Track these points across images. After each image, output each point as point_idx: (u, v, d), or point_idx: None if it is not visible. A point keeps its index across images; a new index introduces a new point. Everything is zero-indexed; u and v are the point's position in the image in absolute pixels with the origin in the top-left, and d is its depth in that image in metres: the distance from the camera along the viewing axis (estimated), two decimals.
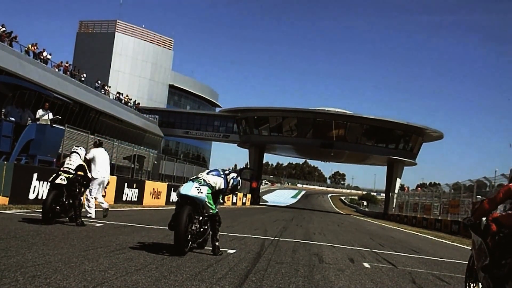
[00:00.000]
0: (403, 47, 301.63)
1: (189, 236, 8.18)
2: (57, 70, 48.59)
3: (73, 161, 11.87)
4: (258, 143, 76.80)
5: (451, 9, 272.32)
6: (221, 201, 9.13)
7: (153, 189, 30.06)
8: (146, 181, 29.92)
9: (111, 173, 24.17)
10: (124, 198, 25.57)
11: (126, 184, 25.81)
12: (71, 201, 11.61)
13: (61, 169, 11.74)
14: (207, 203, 8.39)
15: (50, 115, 18.03)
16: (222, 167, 9.29)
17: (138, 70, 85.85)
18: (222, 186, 8.67)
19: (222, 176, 8.79)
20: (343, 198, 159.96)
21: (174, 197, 33.64)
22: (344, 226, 26.62)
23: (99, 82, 60.12)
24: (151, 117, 76.41)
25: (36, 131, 17.35)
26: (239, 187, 9.43)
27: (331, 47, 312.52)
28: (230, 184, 8.93)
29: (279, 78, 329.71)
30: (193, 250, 8.55)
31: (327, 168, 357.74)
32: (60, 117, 18.39)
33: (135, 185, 27.12)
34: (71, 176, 11.51)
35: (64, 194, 11.44)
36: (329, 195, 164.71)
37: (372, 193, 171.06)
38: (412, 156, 76.39)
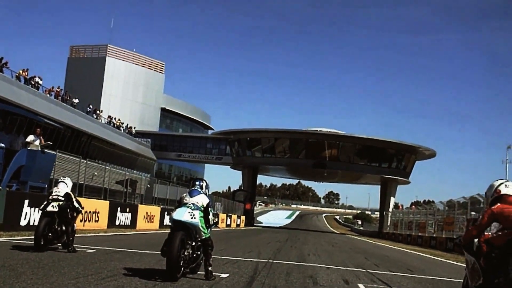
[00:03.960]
0: (395, 66, 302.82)
1: (182, 261, 8.16)
2: (48, 95, 48.43)
3: (61, 189, 11.99)
4: (251, 165, 76.63)
5: (442, 29, 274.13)
6: (215, 223, 9.07)
7: (146, 213, 29.94)
8: (139, 205, 29.81)
9: (104, 198, 24.13)
10: (117, 223, 25.43)
11: (119, 208, 25.68)
12: (63, 228, 11.72)
13: (49, 197, 11.86)
14: (200, 227, 8.44)
15: (41, 141, 17.92)
16: (197, 183, 9.22)
17: (130, 93, 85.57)
18: (206, 201, 8.74)
19: (202, 192, 8.92)
20: (337, 217, 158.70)
21: (167, 220, 33.47)
22: (338, 246, 26.47)
23: (91, 106, 60.00)
24: (143, 140, 76.10)
25: (27, 157, 17.25)
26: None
27: (323, 68, 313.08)
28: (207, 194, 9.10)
29: (271, 100, 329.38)
30: (185, 276, 8.47)
31: (321, 188, 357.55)
32: (51, 143, 18.26)
33: (128, 209, 26.98)
34: (61, 203, 11.64)
35: (56, 221, 11.57)
36: (324, 214, 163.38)
37: (367, 212, 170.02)
38: (406, 175, 76.42)
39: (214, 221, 8.97)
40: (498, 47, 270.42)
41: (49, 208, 11.53)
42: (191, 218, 8.35)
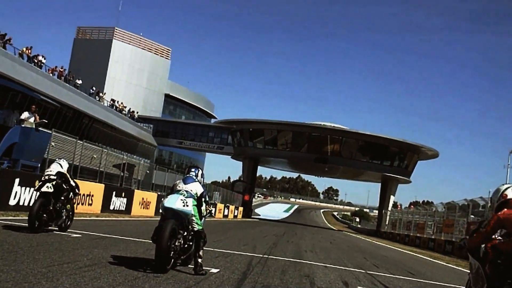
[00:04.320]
0: (401, 65, 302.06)
1: (172, 252, 7.73)
2: (51, 74, 47.82)
3: (53, 169, 11.70)
4: (252, 156, 76.03)
5: (447, 29, 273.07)
6: (209, 213, 8.76)
7: (142, 198, 29.37)
8: (136, 190, 29.25)
9: (100, 181, 23.54)
10: (111, 207, 24.88)
11: (114, 192, 25.12)
12: (59, 209, 11.50)
13: (42, 178, 11.58)
14: (193, 217, 8.07)
15: (36, 118, 17.29)
16: (193, 170, 8.82)
17: (134, 78, 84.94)
18: (201, 190, 8.38)
19: (197, 180, 8.54)
20: (335, 213, 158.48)
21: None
22: (336, 243, 25.88)
23: (94, 88, 59.37)
24: (145, 126, 75.61)
25: (20, 134, 16.65)
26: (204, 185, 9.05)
27: (329, 62, 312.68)
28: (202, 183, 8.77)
29: (275, 92, 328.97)
30: (176, 268, 8.04)
31: (320, 183, 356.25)
32: (46, 121, 17.66)
33: (123, 194, 26.42)
34: (55, 182, 11.34)
35: (51, 202, 11.26)
36: (322, 210, 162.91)
37: (365, 210, 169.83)
38: (407, 174, 75.77)
39: (208, 211, 8.64)
40: (503, 51, 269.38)
41: (44, 189, 11.18)
42: (184, 206, 7.92)
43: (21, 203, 15.98)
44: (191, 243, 8.16)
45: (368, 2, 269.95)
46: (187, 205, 7.94)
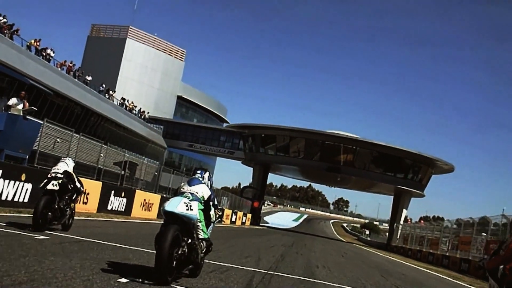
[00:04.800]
0: (419, 78, 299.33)
1: (175, 262, 6.96)
2: (59, 69, 46.51)
3: (60, 168, 11.63)
4: (263, 162, 74.38)
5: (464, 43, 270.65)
6: (218, 218, 8.11)
7: (144, 200, 27.76)
8: (137, 190, 27.62)
9: (98, 178, 21.95)
10: (109, 207, 23.32)
11: (112, 192, 23.54)
12: (64, 207, 11.51)
13: (48, 175, 11.43)
14: (198, 223, 7.39)
15: (25, 105, 15.70)
16: (199, 172, 8.17)
17: (147, 78, 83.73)
18: (208, 193, 7.70)
19: (204, 182, 7.86)
20: (345, 225, 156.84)
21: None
22: (349, 258, 24.03)
23: (104, 86, 58.08)
24: (155, 127, 74.38)
25: (6, 122, 15.10)
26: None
27: (345, 71, 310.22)
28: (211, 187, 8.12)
29: (289, 99, 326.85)
30: (179, 279, 7.36)
31: (331, 193, 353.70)
32: (35, 108, 16.04)
33: (123, 193, 24.83)
34: (61, 181, 11.32)
35: (56, 200, 11.25)
36: (331, 221, 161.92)
37: (375, 222, 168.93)
38: (421, 187, 73.76)
39: (218, 216, 8.02)
40: None
41: (49, 187, 11.13)
42: (187, 209, 7.13)
43: (3, 198, 14.45)
44: (199, 251, 7.44)
45: (390, 13, 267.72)
46: (191, 209, 7.16)
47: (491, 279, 6.30)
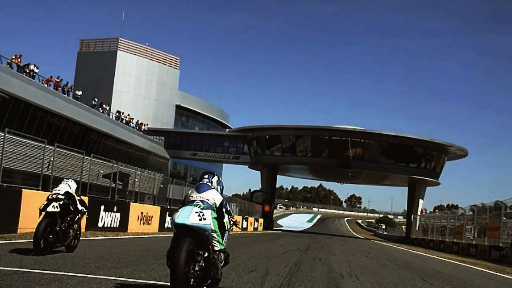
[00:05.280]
0: (423, 68, 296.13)
1: (192, 279, 6.45)
2: (46, 85, 44.07)
3: (62, 188, 11.39)
4: (270, 164, 71.80)
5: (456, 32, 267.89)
6: (233, 224, 7.49)
7: (142, 213, 25.22)
8: (132, 203, 25.04)
9: (83, 193, 19.51)
10: (100, 224, 20.82)
11: (102, 207, 20.96)
12: (66, 229, 11.21)
13: (49, 197, 11.17)
14: (212, 234, 6.71)
15: None
16: (206, 176, 7.45)
17: (142, 90, 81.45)
18: (220, 199, 7.07)
19: (213, 187, 7.24)
20: (359, 221, 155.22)
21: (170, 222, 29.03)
22: (374, 257, 21.14)
23: (96, 99, 55.63)
24: (156, 138, 71.97)
25: None
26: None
27: (345, 63, 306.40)
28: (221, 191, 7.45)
29: (292, 98, 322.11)
30: None
31: (342, 191, 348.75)
32: None
33: (115, 208, 22.25)
34: (62, 202, 11.05)
35: (58, 222, 11.01)
36: (346, 218, 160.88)
37: (389, 216, 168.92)
38: (435, 175, 70.98)
39: (232, 222, 7.38)
40: None
41: (50, 209, 10.86)
42: (200, 219, 6.56)
43: None
44: (219, 266, 6.76)
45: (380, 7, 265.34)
46: (205, 219, 6.59)
47: None
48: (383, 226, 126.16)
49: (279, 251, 19.12)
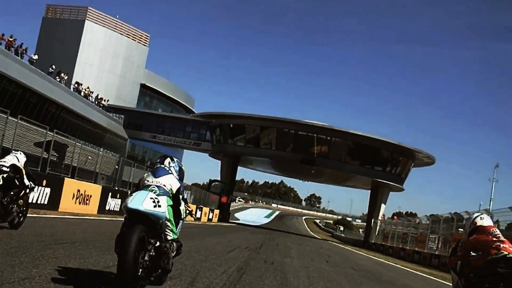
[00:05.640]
0: (398, 73, 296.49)
1: (140, 269, 6.02)
2: None
3: (8, 160, 10.73)
4: (232, 154, 68.90)
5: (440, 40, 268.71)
6: (190, 213, 7.16)
7: (78, 191, 22.17)
8: (66, 178, 21.98)
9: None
10: None
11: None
12: (8, 204, 10.47)
13: None
14: (166, 222, 6.39)
15: None
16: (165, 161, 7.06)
17: (107, 64, 77.87)
18: (177, 185, 6.70)
19: (170, 172, 6.85)
20: (317, 221, 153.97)
21: (113, 205, 26.32)
22: (335, 263, 18.24)
23: (53, 67, 52.08)
24: (115, 116, 68.59)
25: None
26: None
27: (321, 56, 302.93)
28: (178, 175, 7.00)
29: (260, 88, 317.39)
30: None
31: (303, 189, 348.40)
32: None
33: (44, 182, 19.26)
34: (6, 175, 10.37)
35: None
36: (304, 217, 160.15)
37: (348, 218, 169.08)
38: (400, 181, 69.11)
39: (188, 211, 7.04)
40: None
41: None
42: (155, 206, 6.14)
43: None
44: (170, 256, 6.46)
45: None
46: (160, 206, 6.18)
47: (453, 272, 8.03)
48: (341, 228, 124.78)
49: (224, 248, 16.25)
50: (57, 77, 51.99)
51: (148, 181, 6.57)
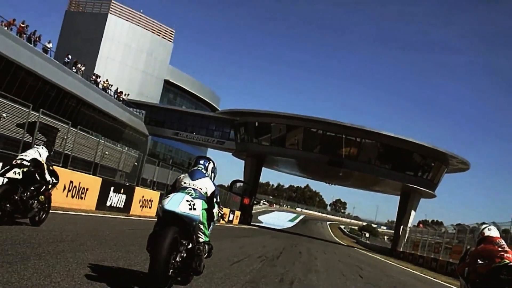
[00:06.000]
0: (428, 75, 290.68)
1: (171, 269, 6.10)
2: (6, 28, 38.12)
3: (29, 155, 10.35)
4: (256, 154, 65.72)
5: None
6: (222, 217, 7.24)
7: (71, 182, 19.26)
8: (56, 167, 19.06)
9: None
10: None
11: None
12: (28, 199, 10.02)
13: (13, 162, 10.21)
14: (199, 224, 6.48)
15: None
16: (202, 162, 7.19)
17: (130, 59, 75.70)
18: (212, 189, 6.84)
19: (207, 174, 7.01)
20: (342, 227, 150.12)
21: (116, 201, 23.84)
22: (372, 280, 14.91)
23: (70, 57, 49.64)
24: (136, 111, 66.06)
25: None
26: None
27: (349, 56, 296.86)
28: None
29: (288, 87, 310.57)
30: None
31: (328, 194, 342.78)
32: None
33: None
34: (26, 169, 9.98)
35: (19, 190, 9.84)
36: (328, 222, 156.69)
37: (373, 225, 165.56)
38: (432, 187, 65.25)
39: (220, 215, 7.07)
40: None
41: (11, 175, 9.82)
42: (191, 209, 6.26)
43: None
44: (203, 259, 6.60)
45: None
46: (195, 209, 6.31)
47: (461, 278, 8.56)
48: (367, 235, 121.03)
49: (232, 256, 12.98)
50: (74, 68, 49.52)
51: (184, 183, 6.70)
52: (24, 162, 10.10)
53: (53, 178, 10.89)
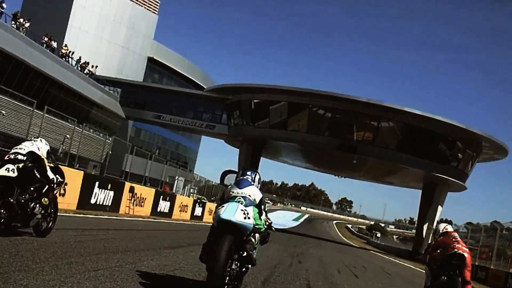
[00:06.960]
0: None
1: (228, 278, 6.33)
2: None
3: (25, 147, 8.58)
4: (253, 139, 54.55)
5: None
6: (270, 226, 7.53)
7: None
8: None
9: None
10: None
11: None
12: (27, 202, 8.33)
13: (5, 157, 8.39)
14: (251, 231, 6.61)
15: None
16: (249, 173, 7.25)
17: (107, 32, 66.10)
18: (260, 196, 6.97)
19: (253, 183, 7.12)
20: (349, 226, 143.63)
21: (103, 198, 20.60)
22: None
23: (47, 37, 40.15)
24: (110, 89, 55.77)
25: None
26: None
27: (355, 25, 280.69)
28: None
29: (286, 64, 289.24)
30: None
31: (334, 193, 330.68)
32: None
33: None
34: (22, 165, 8.25)
35: (15, 191, 8.14)
36: (334, 221, 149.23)
37: (381, 224, 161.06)
38: (463, 178, 54.24)
39: (268, 223, 7.30)
40: None
41: (2, 172, 8.04)
42: (245, 218, 6.35)
43: None
44: (249, 266, 6.90)
45: None
46: (249, 217, 6.42)
47: (425, 266, 10.83)
48: (378, 235, 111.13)
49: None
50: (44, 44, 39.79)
51: (233, 192, 6.76)
52: (19, 157, 8.33)
53: (57, 175, 8.91)
